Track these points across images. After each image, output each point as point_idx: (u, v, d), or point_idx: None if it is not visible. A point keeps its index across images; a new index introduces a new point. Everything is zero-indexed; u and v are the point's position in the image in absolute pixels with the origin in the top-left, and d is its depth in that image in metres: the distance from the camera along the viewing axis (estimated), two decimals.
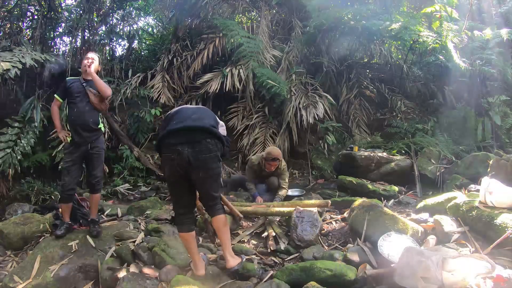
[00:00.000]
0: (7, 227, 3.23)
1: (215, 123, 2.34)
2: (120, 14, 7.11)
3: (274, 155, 3.92)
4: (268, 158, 3.92)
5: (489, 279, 1.76)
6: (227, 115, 6.04)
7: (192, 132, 2.15)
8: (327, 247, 2.88)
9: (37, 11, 6.14)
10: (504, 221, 2.25)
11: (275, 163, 3.95)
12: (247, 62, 5.74)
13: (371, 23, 5.21)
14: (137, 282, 2.19)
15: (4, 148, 4.70)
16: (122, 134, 5.80)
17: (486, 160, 3.64)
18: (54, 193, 4.74)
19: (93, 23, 6.52)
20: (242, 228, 3.40)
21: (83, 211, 3.50)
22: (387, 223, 2.64)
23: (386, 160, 4.41)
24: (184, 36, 6.68)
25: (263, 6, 6.57)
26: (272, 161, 3.92)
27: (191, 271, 2.42)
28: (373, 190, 3.91)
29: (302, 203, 3.35)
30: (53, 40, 6.63)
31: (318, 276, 2.21)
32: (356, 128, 5.96)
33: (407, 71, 6.45)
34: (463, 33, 4.93)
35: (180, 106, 2.82)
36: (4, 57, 4.67)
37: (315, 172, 5.38)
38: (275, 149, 4.08)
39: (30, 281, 2.42)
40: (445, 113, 5.56)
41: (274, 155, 3.92)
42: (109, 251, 2.78)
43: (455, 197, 2.91)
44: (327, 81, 6.36)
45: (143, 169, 5.52)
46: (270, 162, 3.93)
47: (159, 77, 6.18)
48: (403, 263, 1.96)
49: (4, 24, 5.98)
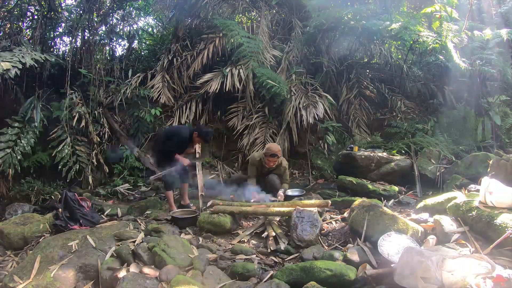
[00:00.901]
0: (7, 227, 3.24)
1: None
2: (120, 14, 7.11)
3: (273, 151, 4.00)
4: (267, 153, 4.02)
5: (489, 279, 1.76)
6: (227, 115, 6.04)
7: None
8: (327, 247, 2.88)
9: (37, 11, 6.13)
10: (504, 221, 2.26)
11: (274, 159, 4.03)
12: (247, 62, 5.74)
13: (371, 23, 5.21)
14: (137, 282, 2.19)
15: (4, 148, 4.70)
16: (122, 134, 5.80)
17: (486, 160, 3.64)
18: (54, 193, 4.74)
19: (93, 23, 6.51)
20: (242, 228, 3.41)
21: (83, 211, 3.50)
22: (387, 223, 2.64)
23: (386, 160, 4.41)
24: (184, 36, 6.67)
25: (263, 6, 6.57)
26: (271, 157, 4.00)
27: (191, 271, 2.42)
28: (373, 190, 3.92)
29: (302, 203, 3.35)
30: (53, 40, 6.62)
31: (318, 276, 2.21)
32: (356, 128, 5.95)
33: (407, 71, 6.45)
34: (463, 33, 4.93)
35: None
36: (4, 57, 4.67)
37: (315, 172, 5.39)
38: (275, 145, 4.16)
39: (30, 281, 2.42)
40: (445, 113, 5.56)
41: (272, 151, 4.00)
42: (109, 251, 2.78)
43: (455, 197, 2.91)
44: (327, 81, 6.35)
45: (143, 169, 5.53)
46: (269, 157, 4.01)
47: (159, 77, 6.17)
48: (403, 263, 1.96)
49: (4, 24, 5.98)
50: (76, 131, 5.37)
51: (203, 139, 4.02)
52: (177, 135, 3.95)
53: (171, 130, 4.50)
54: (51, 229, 3.39)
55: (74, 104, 5.31)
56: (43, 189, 4.77)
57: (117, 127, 5.85)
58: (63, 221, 3.36)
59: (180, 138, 3.93)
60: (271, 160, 4.04)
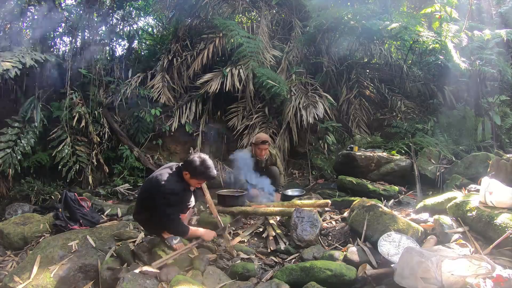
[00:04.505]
0: (7, 227, 3.24)
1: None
2: (120, 14, 7.11)
3: (263, 138, 3.98)
4: (258, 142, 3.96)
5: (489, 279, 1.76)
6: (227, 115, 6.04)
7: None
8: (327, 247, 2.88)
9: (37, 11, 6.13)
10: (504, 221, 2.26)
11: (265, 146, 3.97)
12: (247, 62, 5.74)
13: (371, 23, 5.20)
14: (137, 282, 2.19)
15: (4, 148, 4.70)
16: (122, 134, 5.80)
17: (486, 160, 3.64)
18: (54, 193, 4.75)
19: (93, 23, 6.52)
20: (242, 228, 3.41)
21: (83, 211, 3.51)
22: (387, 223, 2.64)
23: (386, 160, 4.41)
24: (184, 36, 6.67)
25: (263, 6, 6.57)
26: (262, 144, 3.94)
27: (191, 271, 2.42)
28: (373, 190, 3.91)
29: (302, 203, 3.35)
30: (53, 40, 6.62)
31: (318, 276, 2.21)
32: (356, 128, 5.95)
33: (407, 71, 6.45)
34: (463, 33, 4.92)
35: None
36: (4, 57, 4.67)
37: (315, 172, 5.38)
38: (262, 133, 4.18)
39: (30, 281, 2.42)
40: (445, 113, 5.55)
41: (263, 138, 3.98)
42: (109, 251, 2.79)
43: (455, 197, 2.91)
44: (327, 81, 6.36)
45: (143, 169, 5.53)
46: (260, 146, 3.95)
47: (159, 77, 6.17)
48: (403, 263, 1.96)
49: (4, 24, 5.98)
50: (76, 131, 5.37)
51: (202, 177, 2.62)
52: (165, 197, 2.49)
53: (155, 189, 2.56)
54: (51, 229, 3.39)
55: (74, 104, 5.30)
56: (43, 189, 4.77)
57: (117, 127, 5.84)
58: (63, 221, 3.37)
59: (171, 200, 2.51)
60: (263, 148, 3.96)
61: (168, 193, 2.47)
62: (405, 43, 6.05)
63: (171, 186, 2.49)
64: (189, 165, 2.56)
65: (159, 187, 2.50)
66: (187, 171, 2.57)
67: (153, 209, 2.55)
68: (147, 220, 2.68)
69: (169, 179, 2.53)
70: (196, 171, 2.55)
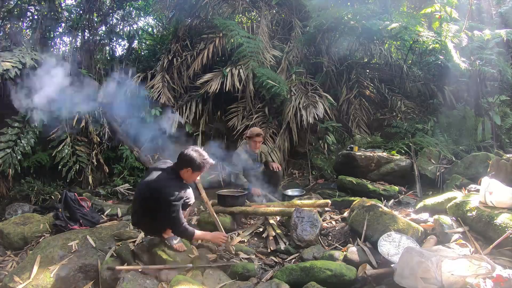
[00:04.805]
0: (7, 227, 3.24)
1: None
2: (120, 14, 7.12)
3: (257, 131, 4.10)
4: (252, 134, 4.06)
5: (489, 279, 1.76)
6: (227, 115, 6.04)
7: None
8: (327, 247, 2.88)
9: (37, 11, 6.13)
10: (504, 221, 2.26)
11: (259, 138, 4.09)
12: (247, 62, 5.74)
13: (371, 23, 5.20)
14: (137, 282, 2.19)
15: (4, 148, 4.70)
16: (122, 134, 5.79)
17: (486, 160, 3.64)
18: (54, 193, 4.75)
19: (93, 23, 6.52)
20: (242, 228, 3.41)
21: (83, 211, 3.51)
22: (387, 223, 2.64)
23: (386, 160, 4.41)
24: (184, 36, 6.67)
25: (263, 6, 6.57)
26: (257, 136, 4.05)
27: (191, 271, 2.42)
28: (373, 190, 3.91)
29: (302, 203, 3.35)
30: (53, 40, 6.63)
31: (318, 276, 2.21)
32: (356, 128, 5.95)
33: (407, 71, 6.45)
34: (463, 33, 4.92)
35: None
36: (4, 57, 4.68)
37: (315, 172, 5.38)
38: (255, 127, 4.31)
39: (30, 281, 2.42)
40: (445, 113, 5.55)
41: (257, 131, 4.09)
42: (109, 251, 2.79)
43: (455, 197, 2.91)
44: (327, 81, 6.36)
45: (143, 169, 5.52)
46: (255, 138, 4.05)
47: (159, 77, 6.17)
48: (403, 263, 1.96)
49: (4, 24, 5.98)
50: (76, 131, 5.37)
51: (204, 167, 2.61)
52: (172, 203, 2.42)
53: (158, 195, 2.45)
54: (51, 229, 3.39)
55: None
56: (43, 189, 4.77)
57: (117, 127, 5.84)
58: (63, 221, 3.37)
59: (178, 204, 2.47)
60: (258, 141, 4.08)
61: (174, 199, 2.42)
62: (405, 43, 6.05)
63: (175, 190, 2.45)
64: (188, 162, 2.53)
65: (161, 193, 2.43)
66: (189, 168, 2.55)
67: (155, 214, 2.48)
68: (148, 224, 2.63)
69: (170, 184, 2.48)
70: (198, 165, 2.54)
